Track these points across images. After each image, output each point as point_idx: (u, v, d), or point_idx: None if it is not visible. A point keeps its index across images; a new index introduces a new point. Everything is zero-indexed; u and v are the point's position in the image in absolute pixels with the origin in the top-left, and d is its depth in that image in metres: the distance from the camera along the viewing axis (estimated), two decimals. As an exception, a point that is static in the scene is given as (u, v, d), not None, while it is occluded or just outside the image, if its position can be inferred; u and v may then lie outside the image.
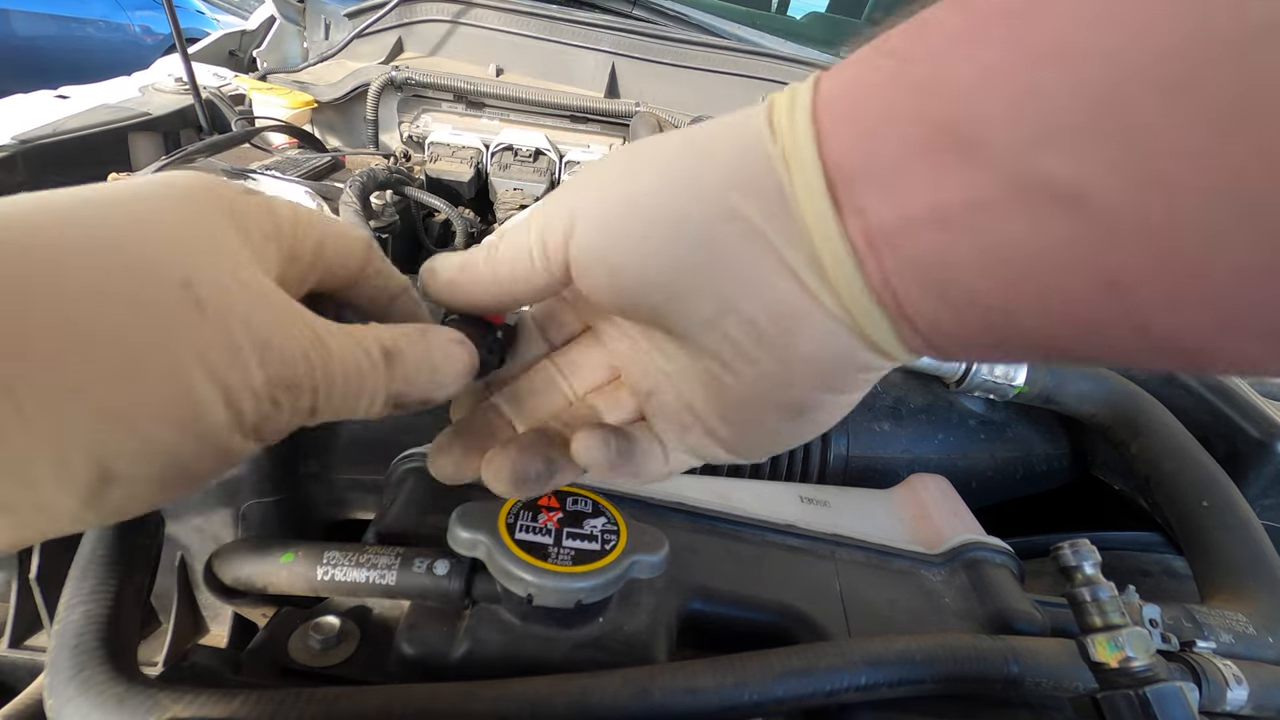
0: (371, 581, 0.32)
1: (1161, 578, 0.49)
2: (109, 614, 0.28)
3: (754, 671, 0.29)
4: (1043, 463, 0.58)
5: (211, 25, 4.39)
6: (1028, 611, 0.37)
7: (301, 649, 0.33)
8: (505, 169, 1.02)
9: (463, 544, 0.31)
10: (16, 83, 1.10)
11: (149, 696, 0.25)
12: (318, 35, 1.23)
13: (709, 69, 1.14)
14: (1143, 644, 0.29)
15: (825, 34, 1.49)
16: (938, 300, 0.19)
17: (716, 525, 0.41)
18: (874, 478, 0.52)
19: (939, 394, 0.55)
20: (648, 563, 0.32)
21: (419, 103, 1.09)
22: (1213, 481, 0.47)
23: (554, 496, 0.34)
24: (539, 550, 0.31)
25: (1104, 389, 0.53)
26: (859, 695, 0.31)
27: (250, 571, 0.34)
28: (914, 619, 0.37)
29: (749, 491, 0.45)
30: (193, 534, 0.43)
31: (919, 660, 0.31)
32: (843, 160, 0.19)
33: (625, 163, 0.23)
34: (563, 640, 0.32)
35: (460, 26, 1.15)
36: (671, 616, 0.34)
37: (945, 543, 0.42)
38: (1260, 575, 0.42)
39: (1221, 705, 0.33)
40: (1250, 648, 0.38)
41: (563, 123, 1.09)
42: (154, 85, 1.02)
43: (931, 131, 0.17)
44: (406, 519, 0.37)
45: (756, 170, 0.20)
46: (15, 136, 0.79)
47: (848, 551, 0.41)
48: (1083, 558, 0.31)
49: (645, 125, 1.01)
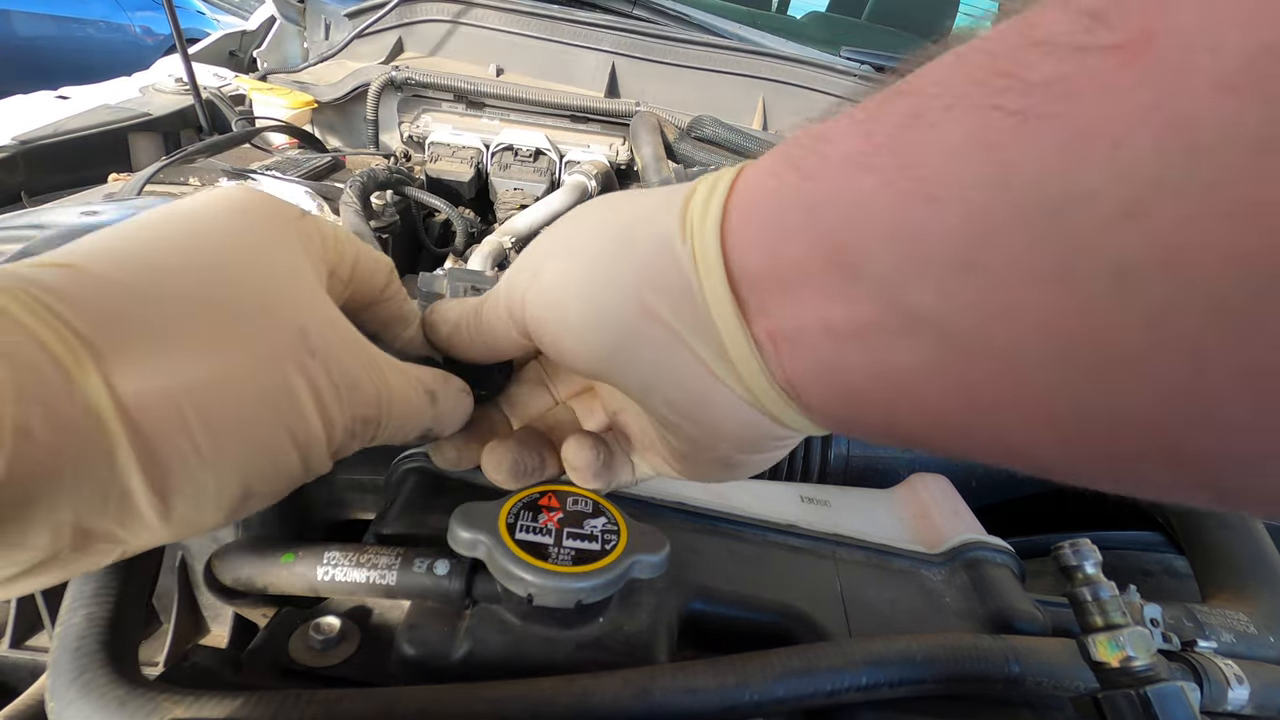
0: (372, 582, 0.32)
1: (1162, 577, 0.49)
2: (111, 617, 0.28)
3: (755, 672, 0.29)
4: (1043, 462, 0.57)
5: (212, 25, 4.39)
6: (1029, 611, 0.37)
7: (302, 649, 0.33)
8: (505, 169, 1.02)
9: (463, 544, 0.31)
10: (17, 83, 1.10)
11: (150, 699, 0.25)
12: (318, 35, 1.23)
13: (709, 69, 1.14)
14: (1144, 643, 0.29)
15: (826, 33, 1.49)
16: (833, 396, 0.21)
17: (717, 525, 0.41)
18: (874, 477, 0.52)
19: (939, 394, 0.55)
20: (648, 563, 0.32)
21: (419, 103, 1.09)
22: (1213, 481, 0.47)
23: (554, 496, 0.34)
24: (539, 550, 0.31)
25: (1105, 388, 0.53)
26: (860, 695, 0.31)
27: (250, 572, 0.34)
28: (915, 619, 0.37)
29: (749, 491, 0.45)
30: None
31: (920, 660, 0.31)
32: (746, 264, 0.21)
33: (567, 240, 0.25)
34: (563, 640, 0.32)
35: (460, 26, 1.15)
36: (672, 616, 0.34)
37: (946, 542, 0.42)
38: (1261, 574, 0.42)
39: (1222, 705, 0.33)
40: (1251, 647, 0.38)
41: (563, 123, 1.09)
42: (154, 86, 1.02)
43: (823, 251, 0.19)
44: (407, 519, 0.37)
45: (667, 268, 0.22)
46: (15, 137, 0.79)
47: (848, 551, 0.41)
48: (1084, 557, 0.31)
49: (645, 125, 1.01)
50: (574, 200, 0.97)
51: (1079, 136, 0.13)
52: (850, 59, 1.23)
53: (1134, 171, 0.13)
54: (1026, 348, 0.15)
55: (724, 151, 0.94)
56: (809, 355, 0.20)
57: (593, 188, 1.00)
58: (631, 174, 1.09)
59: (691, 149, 0.95)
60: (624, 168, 1.08)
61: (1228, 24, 0.12)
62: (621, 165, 1.07)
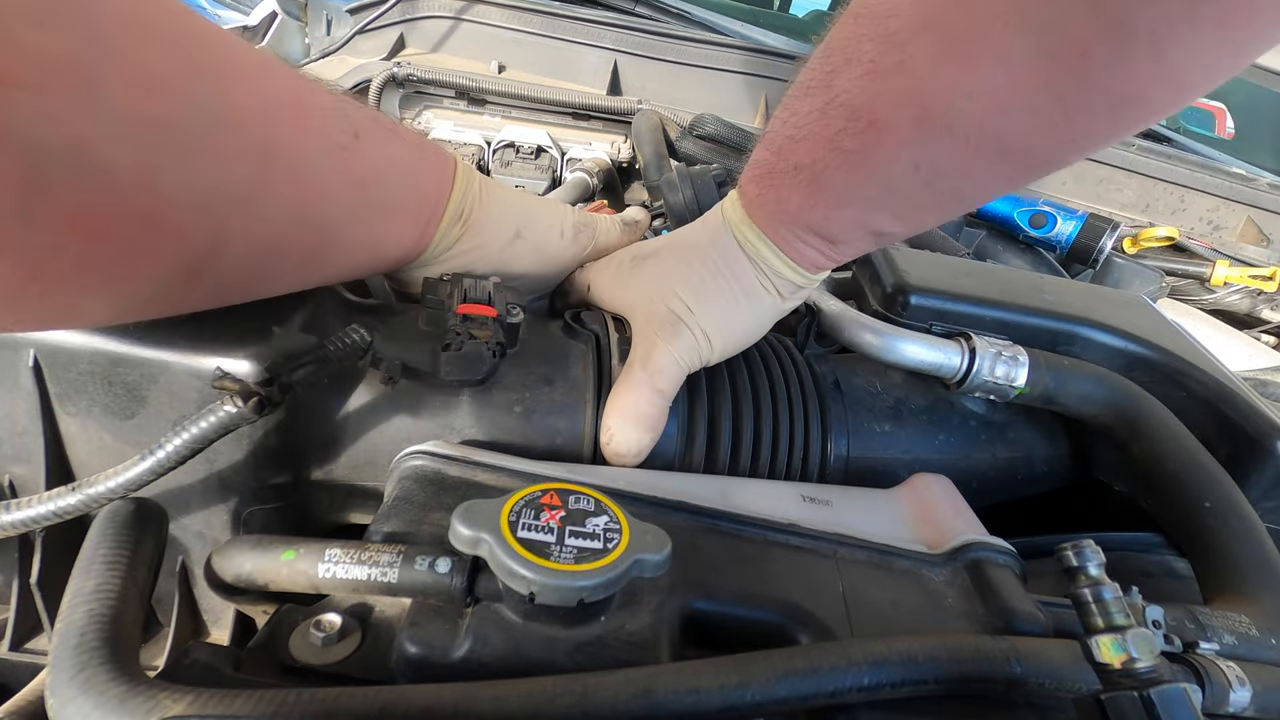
0: (373, 578, 0.32)
1: (1164, 579, 0.49)
2: (112, 613, 0.28)
3: (757, 671, 0.29)
4: (1044, 463, 0.57)
5: (213, 20, 4.37)
6: (1031, 612, 0.37)
7: (303, 646, 0.32)
8: (507, 166, 1.02)
9: (465, 541, 0.31)
10: (17, 77, 1.09)
11: (150, 696, 0.25)
12: (319, 31, 1.23)
13: (711, 66, 1.14)
14: (1147, 645, 0.29)
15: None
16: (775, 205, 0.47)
17: (719, 524, 0.41)
18: (875, 479, 0.52)
19: (940, 395, 0.55)
20: (650, 561, 0.32)
21: (421, 99, 1.09)
22: (1215, 482, 0.47)
23: (556, 495, 0.34)
24: (541, 548, 0.31)
25: (1105, 390, 0.53)
26: (862, 695, 0.31)
27: (252, 568, 0.34)
28: (917, 619, 0.37)
29: (751, 491, 0.45)
30: (194, 539, 0.43)
31: (922, 660, 0.31)
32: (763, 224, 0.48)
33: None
34: (565, 639, 0.32)
35: (462, 23, 1.15)
36: (674, 616, 0.34)
37: (948, 542, 0.42)
38: (1263, 576, 0.42)
39: (1224, 707, 0.33)
40: (1253, 649, 0.38)
41: (565, 120, 1.09)
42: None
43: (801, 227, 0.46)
44: (408, 516, 0.36)
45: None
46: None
47: (850, 551, 0.41)
48: (1087, 558, 0.31)
49: (647, 123, 1.01)
50: (575, 197, 0.97)
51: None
52: (852, 58, 1.23)
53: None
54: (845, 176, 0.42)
55: (726, 149, 0.94)
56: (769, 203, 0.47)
57: (594, 185, 1.00)
58: (633, 172, 1.09)
59: (693, 147, 0.95)
60: (625, 165, 1.07)
61: None
62: (623, 163, 1.07)
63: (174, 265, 0.31)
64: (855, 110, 0.38)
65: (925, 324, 0.54)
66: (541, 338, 0.48)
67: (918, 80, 0.35)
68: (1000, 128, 0.35)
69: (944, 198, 0.41)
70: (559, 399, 0.45)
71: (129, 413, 0.39)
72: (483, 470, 0.40)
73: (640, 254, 0.52)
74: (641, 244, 0.55)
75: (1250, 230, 1.19)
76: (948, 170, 0.39)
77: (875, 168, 0.40)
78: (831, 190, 0.43)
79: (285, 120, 0.35)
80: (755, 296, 0.48)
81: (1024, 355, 0.52)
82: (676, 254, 0.50)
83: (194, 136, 0.29)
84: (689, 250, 0.50)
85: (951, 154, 0.37)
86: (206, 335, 0.38)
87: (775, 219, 0.46)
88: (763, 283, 0.48)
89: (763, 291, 0.48)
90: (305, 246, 0.38)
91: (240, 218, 0.33)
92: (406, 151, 0.44)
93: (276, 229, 0.36)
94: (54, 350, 0.38)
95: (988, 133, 0.35)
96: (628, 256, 0.53)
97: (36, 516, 0.35)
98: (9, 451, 0.40)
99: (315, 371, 0.37)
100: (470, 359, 0.41)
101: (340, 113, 0.39)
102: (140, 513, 0.34)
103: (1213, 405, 0.54)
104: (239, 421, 0.35)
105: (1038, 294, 0.59)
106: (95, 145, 0.25)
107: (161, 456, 0.35)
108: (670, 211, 0.86)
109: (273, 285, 0.39)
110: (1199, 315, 1.09)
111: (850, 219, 0.44)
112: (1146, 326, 0.58)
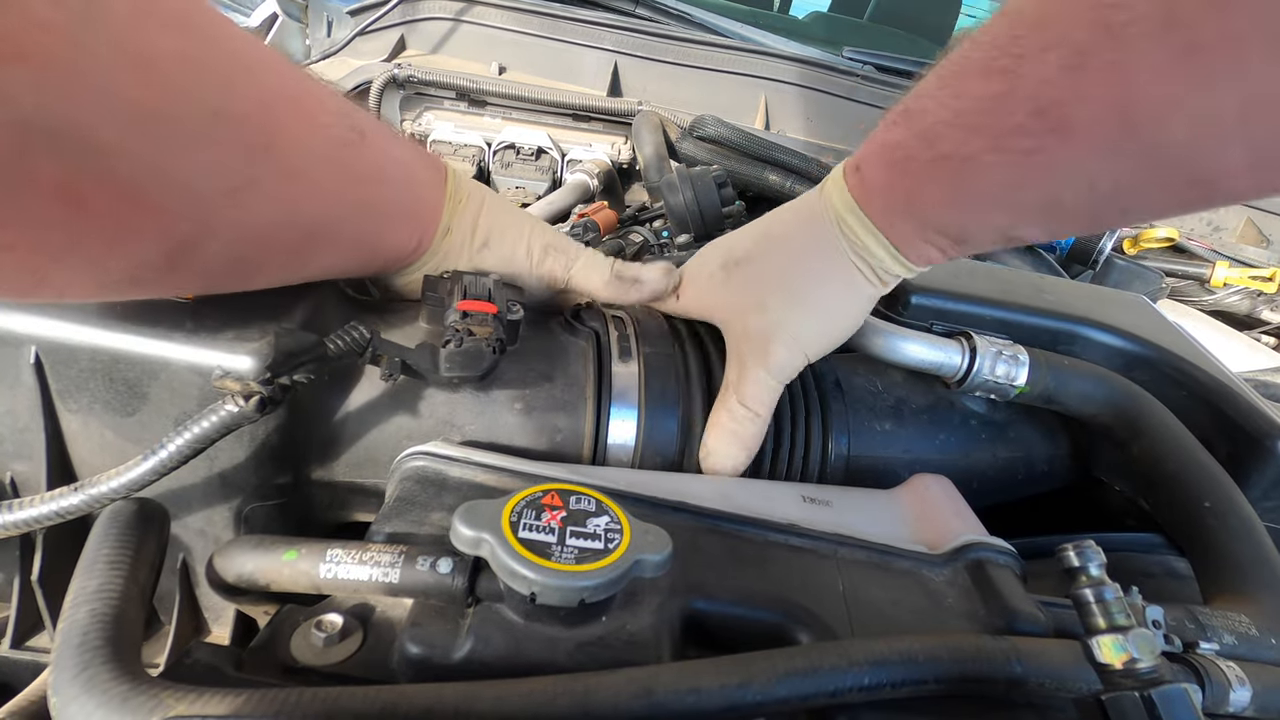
0: (374, 579, 0.32)
1: (1164, 579, 0.49)
2: (114, 613, 0.28)
3: (758, 671, 0.29)
4: (1044, 463, 0.57)
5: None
6: (1031, 612, 0.37)
7: (304, 646, 0.32)
8: (507, 167, 1.02)
9: (466, 542, 0.31)
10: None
11: (153, 696, 0.25)
12: (320, 32, 1.23)
13: (712, 68, 1.14)
14: (1148, 646, 0.29)
15: (828, 33, 1.49)
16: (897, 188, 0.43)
17: (719, 525, 0.41)
18: (875, 478, 0.52)
19: (940, 394, 0.55)
20: (651, 562, 0.32)
21: (421, 100, 1.09)
22: (1215, 482, 0.47)
23: (557, 495, 0.34)
24: (542, 549, 0.31)
25: (1105, 390, 0.53)
26: (862, 695, 0.31)
27: (253, 568, 0.34)
28: (917, 619, 0.37)
29: (751, 491, 0.45)
30: (195, 537, 0.43)
31: (922, 660, 0.31)
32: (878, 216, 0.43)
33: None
34: (566, 639, 0.32)
35: (463, 24, 1.15)
36: (675, 616, 0.34)
37: (948, 543, 0.42)
38: (1263, 576, 0.42)
39: (1224, 707, 0.33)
40: (1253, 649, 0.38)
41: (565, 121, 1.09)
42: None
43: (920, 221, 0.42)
44: (409, 517, 0.37)
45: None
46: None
47: (850, 551, 0.41)
48: (1088, 559, 0.31)
49: (648, 124, 1.01)
50: (575, 199, 0.97)
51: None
52: (852, 59, 1.23)
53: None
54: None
55: (726, 151, 0.94)
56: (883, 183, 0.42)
57: (594, 186, 1.00)
58: (633, 173, 1.09)
59: (694, 148, 0.95)
60: (626, 167, 1.08)
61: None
62: (623, 164, 1.07)
63: (157, 248, 0.31)
64: (1044, 107, 0.32)
65: (926, 323, 0.55)
66: (541, 335, 0.48)
67: (1134, 89, 0.29)
68: (1206, 158, 0.30)
69: (1105, 214, 0.37)
70: (559, 396, 0.45)
71: (130, 409, 0.39)
72: (484, 471, 0.40)
73: (731, 259, 0.50)
74: (732, 245, 0.51)
75: (1250, 231, 1.20)
76: (1126, 189, 0.33)
77: (1046, 175, 0.34)
78: (984, 192, 0.37)
79: (287, 113, 0.35)
80: (855, 288, 0.46)
81: (1024, 355, 0.52)
82: (768, 257, 0.48)
83: (191, 125, 0.29)
84: (782, 252, 0.47)
85: (1140, 175, 0.32)
86: (207, 332, 0.38)
87: (898, 212, 0.41)
88: (865, 274, 0.45)
89: (864, 283, 0.46)
90: (295, 240, 0.38)
91: (231, 207, 0.33)
92: (408, 153, 0.45)
93: (267, 220, 0.35)
94: (55, 347, 0.38)
95: (1189, 161, 0.30)
96: (718, 264, 0.50)
97: (39, 516, 0.35)
98: (10, 448, 0.40)
99: (316, 369, 0.37)
100: (470, 356, 0.41)
101: (345, 110, 0.39)
102: (142, 513, 0.34)
103: (1213, 405, 0.54)
104: (241, 421, 0.35)
105: (1038, 294, 0.59)
106: (89, 123, 0.25)
107: (163, 456, 0.35)
108: (670, 212, 0.86)
109: (260, 275, 0.39)
110: (1199, 316, 1.09)
111: (993, 224, 0.39)
112: (1147, 326, 0.58)
